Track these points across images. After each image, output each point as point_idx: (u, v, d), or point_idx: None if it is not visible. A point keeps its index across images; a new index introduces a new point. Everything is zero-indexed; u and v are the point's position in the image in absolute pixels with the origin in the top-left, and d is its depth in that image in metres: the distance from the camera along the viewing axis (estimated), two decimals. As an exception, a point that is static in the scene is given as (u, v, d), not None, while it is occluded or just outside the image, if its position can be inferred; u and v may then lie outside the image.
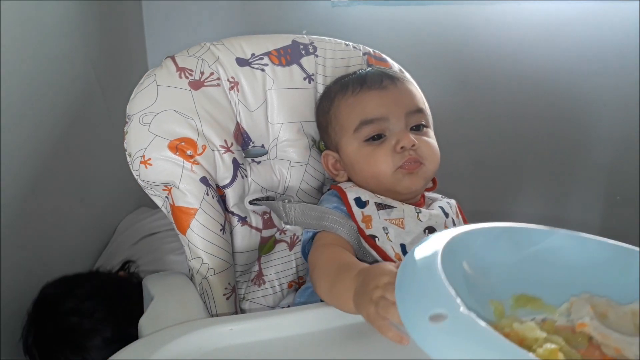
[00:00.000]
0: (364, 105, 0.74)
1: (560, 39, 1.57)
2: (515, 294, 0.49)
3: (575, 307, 0.47)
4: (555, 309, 0.48)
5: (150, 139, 0.73)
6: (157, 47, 1.48)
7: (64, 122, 1.06)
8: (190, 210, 0.73)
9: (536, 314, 0.48)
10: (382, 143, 0.73)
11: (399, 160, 0.72)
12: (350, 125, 0.75)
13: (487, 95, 1.59)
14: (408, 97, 0.76)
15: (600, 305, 0.47)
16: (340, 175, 0.80)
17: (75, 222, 1.09)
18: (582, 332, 0.44)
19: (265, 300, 0.83)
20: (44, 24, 1.00)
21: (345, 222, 0.71)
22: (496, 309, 0.46)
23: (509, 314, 0.47)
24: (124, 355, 0.52)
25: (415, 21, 1.53)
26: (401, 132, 0.73)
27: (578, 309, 0.47)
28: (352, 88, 0.76)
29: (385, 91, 0.75)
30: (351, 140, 0.75)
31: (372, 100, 0.74)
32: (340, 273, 0.60)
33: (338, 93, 0.78)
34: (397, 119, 0.73)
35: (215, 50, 0.80)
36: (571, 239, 0.54)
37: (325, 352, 0.52)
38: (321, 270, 0.65)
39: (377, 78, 0.76)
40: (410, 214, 0.73)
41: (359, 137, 0.74)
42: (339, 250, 0.68)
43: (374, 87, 0.75)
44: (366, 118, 0.74)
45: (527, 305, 0.48)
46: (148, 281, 0.77)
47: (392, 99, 0.74)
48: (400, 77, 0.78)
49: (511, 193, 1.71)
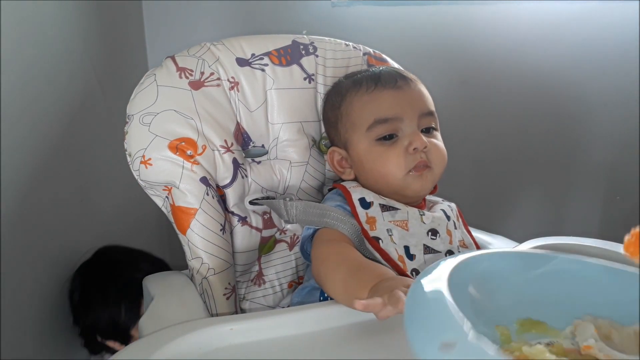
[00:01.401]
0: (379, 103, 0.74)
1: (560, 39, 1.57)
2: (520, 318, 0.49)
3: (580, 329, 0.47)
4: (560, 332, 0.48)
5: (151, 139, 0.73)
6: (157, 47, 1.48)
7: (64, 122, 1.06)
8: (190, 210, 0.73)
9: (541, 338, 0.48)
10: (394, 143, 0.73)
11: (410, 163, 0.72)
12: (363, 123, 0.74)
13: (487, 95, 1.59)
14: (421, 99, 0.76)
15: (604, 327, 0.48)
16: (347, 173, 0.79)
17: (76, 222, 1.09)
18: (588, 354, 0.44)
19: (265, 300, 0.83)
20: (44, 24, 1.00)
21: (347, 219, 0.71)
22: (502, 334, 0.46)
23: (515, 339, 0.47)
24: (124, 355, 0.53)
25: (415, 21, 1.53)
26: (413, 133, 0.72)
27: (582, 332, 0.47)
28: (367, 85, 0.76)
29: (400, 91, 0.74)
30: (362, 138, 0.75)
31: (387, 99, 0.74)
32: (357, 272, 0.60)
33: (350, 89, 0.77)
34: (410, 120, 0.73)
35: (216, 50, 0.80)
36: (572, 262, 0.54)
37: (325, 352, 0.52)
38: (332, 266, 0.64)
39: (391, 77, 0.76)
40: (414, 216, 0.73)
41: (371, 135, 0.74)
42: (346, 246, 0.68)
43: (389, 86, 0.75)
44: (381, 117, 0.73)
45: (531, 329, 0.48)
46: (148, 281, 0.77)
47: (407, 99, 0.74)
48: (412, 77, 0.78)
49: (511, 193, 1.72)
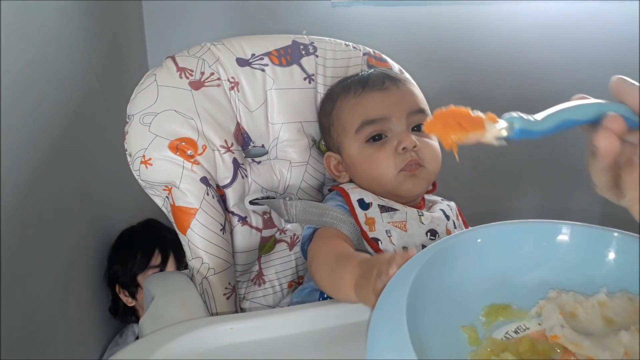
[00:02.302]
0: (365, 105, 0.75)
1: (560, 39, 1.57)
2: (485, 306, 0.49)
3: (545, 312, 0.47)
4: (526, 313, 0.49)
5: (151, 139, 0.73)
6: (157, 47, 1.48)
7: (64, 122, 1.06)
8: (190, 210, 0.73)
9: (508, 324, 0.48)
10: (383, 144, 0.73)
11: (400, 162, 0.72)
12: (352, 126, 0.75)
13: (487, 94, 1.59)
14: (410, 98, 0.76)
15: (568, 305, 0.48)
16: (342, 177, 0.80)
17: (75, 222, 1.09)
18: (556, 344, 0.44)
19: (265, 300, 0.83)
20: (44, 24, 1.00)
21: (346, 218, 0.71)
22: (470, 336, 0.46)
23: (482, 335, 0.47)
24: (124, 355, 0.53)
25: (415, 21, 1.53)
26: (402, 132, 0.73)
27: (548, 316, 0.47)
28: (354, 89, 0.76)
29: (386, 92, 0.75)
30: (353, 141, 0.75)
31: (374, 100, 0.74)
32: (340, 262, 0.60)
33: (340, 95, 0.78)
34: (399, 120, 0.73)
35: (216, 51, 0.80)
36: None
37: (324, 351, 0.52)
38: (321, 260, 0.65)
39: (379, 79, 0.76)
40: (413, 217, 0.73)
41: (361, 137, 0.74)
42: (339, 241, 0.68)
43: (376, 88, 0.75)
44: (367, 118, 0.74)
45: (498, 316, 0.48)
46: (149, 281, 0.77)
47: (394, 99, 0.74)
48: (402, 78, 0.79)
49: (511, 191, 1.72)
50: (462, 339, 0.46)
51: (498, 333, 0.47)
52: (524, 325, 0.48)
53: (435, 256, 0.47)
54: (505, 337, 0.47)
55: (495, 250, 0.52)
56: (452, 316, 0.47)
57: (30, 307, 0.94)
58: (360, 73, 0.81)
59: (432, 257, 0.47)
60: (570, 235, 0.53)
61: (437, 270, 0.47)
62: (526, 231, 0.53)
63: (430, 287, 0.46)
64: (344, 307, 0.58)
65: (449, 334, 0.45)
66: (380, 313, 0.42)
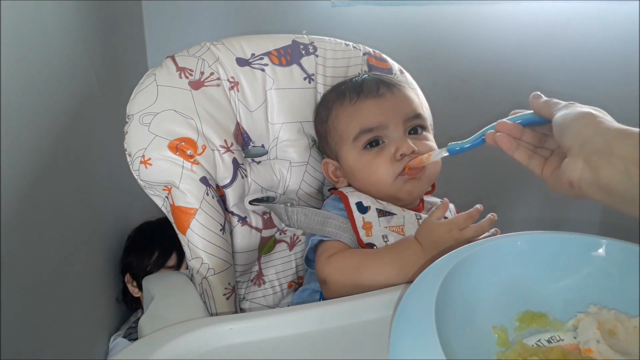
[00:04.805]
0: (362, 113, 0.74)
1: (560, 39, 1.57)
2: (519, 312, 0.49)
3: (582, 326, 0.47)
4: (562, 325, 0.48)
5: (150, 138, 0.73)
6: (157, 47, 1.48)
7: (64, 122, 1.06)
8: (190, 210, 0.73)
9: (542, 332, 0.47)
10: (381, 150, 0.73)
11: (398, 169, 0.72)
12: (349, 134, 0.75)
13: (487, 94, 1.59)
14: (405, 103, 0.76)
15: (608, 322, 0.47)
16: (341, 182, 0.80)
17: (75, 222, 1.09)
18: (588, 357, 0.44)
19: (265, 300, 0.83)
20: (44, 24, 1.00)
21: (348, 227, 0.72)
22: (500, 337, 0.46)
23: (513, 338, 0.46)
24: (124, 355, 0.53)
25: (415, 21, 1.53)
26: (400, 138, 0.73)
27: (584, 330, 0.46)
28: (350, 97, 0.76)
29: (382, 99, 0.75)
30: (350, 149, 0.75)
31: (370, 108, 0.74)
32: (377, 251, 0.69)
33: (335, 102, 0.78)
34: (395, 126, 0.73)
35: (216, 50, 0.80)
36: (574, 243, 0.52)
37: (324, 351, 0.52)
38: (368, 259, 0.67)
39: (373, 86, 0.76)
40: (411, 220, 0.73)
41: (358, 145, 0.74)
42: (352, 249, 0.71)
43: (371, 95, 0.75)
44: (365, 127, 0.74)
45: (531, 323, 0.48)
46: (148, 281, 0.77)
47: (389, 106, 0.74)
48: (396, 83, 0.78)
49: (510, 193, 1.71)
50: (491, 339, 0.46)
51: (530, 340, 0.47)
52: (559, 336, 0.47)
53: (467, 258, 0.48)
54: (537, 344, 0.46)
55: (535, 258, 0.51)
56: (482, 316, 0.46)
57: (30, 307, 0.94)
58: (353, 79, 0.81)
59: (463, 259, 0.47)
60: (613, 252, 0.51)
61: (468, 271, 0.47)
62: (568, 242, 0.53)
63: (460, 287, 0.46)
64: (344, 307, 0.58)
65: (477, 333, 0.45)
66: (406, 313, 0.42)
